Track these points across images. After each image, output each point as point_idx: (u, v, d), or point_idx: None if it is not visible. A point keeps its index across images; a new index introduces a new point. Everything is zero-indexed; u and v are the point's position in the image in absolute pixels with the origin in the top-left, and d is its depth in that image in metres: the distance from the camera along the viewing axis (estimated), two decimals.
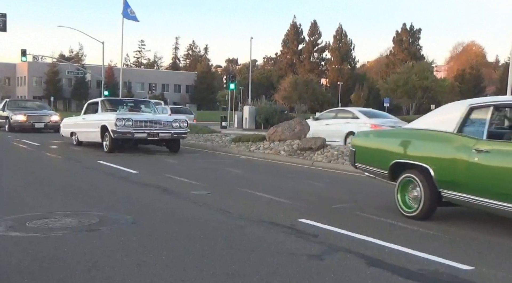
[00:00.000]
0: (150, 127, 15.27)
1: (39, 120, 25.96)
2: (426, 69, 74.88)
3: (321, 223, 6.25)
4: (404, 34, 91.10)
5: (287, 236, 5.65)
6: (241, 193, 8.66)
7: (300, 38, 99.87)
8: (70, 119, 19.52)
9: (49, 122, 25.90)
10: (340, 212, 7.13)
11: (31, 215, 6.39)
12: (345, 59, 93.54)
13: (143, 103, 18.55)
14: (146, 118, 15.56)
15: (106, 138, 15.43)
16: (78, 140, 17.82)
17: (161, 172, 11.13)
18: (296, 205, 7.61)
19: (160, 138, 15.42)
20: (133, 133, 15.01)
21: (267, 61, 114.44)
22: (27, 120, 25.52)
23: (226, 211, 6.97)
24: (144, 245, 5.13)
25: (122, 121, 14.88)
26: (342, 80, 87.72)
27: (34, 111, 26.94)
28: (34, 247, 4.99)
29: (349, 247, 5.20)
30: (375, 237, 5.59)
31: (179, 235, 5.57)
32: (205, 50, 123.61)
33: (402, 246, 5.22)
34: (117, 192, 8.54)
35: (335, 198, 8.41)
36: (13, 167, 11.87)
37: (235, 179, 10.62)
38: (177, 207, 7.31)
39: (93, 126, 16.08)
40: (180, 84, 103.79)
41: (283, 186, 9.59)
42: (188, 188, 9.03)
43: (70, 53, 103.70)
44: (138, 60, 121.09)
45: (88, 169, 11.77)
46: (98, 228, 5.80)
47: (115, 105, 17.32)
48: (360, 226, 6.18)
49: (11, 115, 25.77)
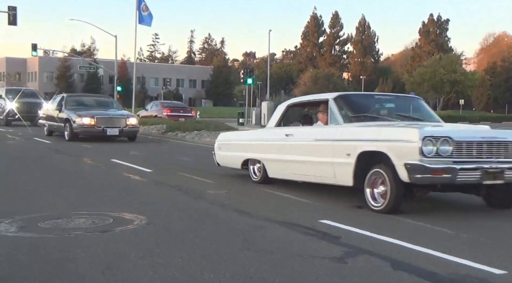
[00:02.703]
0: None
1: (112, 124, 19.13)
2: (455, 62, 74.07)
3: (343, 224, 6.22)
4: (431, 25, 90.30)
5: (308, 237, 5.64)
6: (259, 193, 8.67)
7: (321, 30, 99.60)
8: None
9: (126, 127, 19.24)
10: (363, 213, 7.09)
11: (43, 215, 6.46)
12: (368, 52, 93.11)
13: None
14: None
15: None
16: None
17: (176, 171, 11.19)
18: (317, 205, 7.60)
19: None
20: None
21: (286, 55, 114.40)
22: (96, 124, 18.79)
23: (244, 211, 6.98)
24: (159, 246, 5.16)
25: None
26: (365, 74, 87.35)
27: (104, 112, 19.90)
28: (46, 248, 5.05)
29: (373, 249, 5.17)
30: (401, 239, 5.54)
31: (195, 236, 5.59)
32: (221, 44, 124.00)
33: (430, 249, 5.17)
34: (131, 192, 8.60)
35: (358, 197, 8.36)
36: (24, 165, 12.02)
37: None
38: (193, 207, 7.34)
39: None
40: (196, 79, 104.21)
41: (304, 185, 9.57)
42: (204, 187, 9.05)
43: (82, 48, 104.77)
44: (152, 54, 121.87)
45: (101, 168, 11.87)
46: (112, 229, 5.85)
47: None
48: (384, 227, 6.14)
49: (73, 117, 18.94)
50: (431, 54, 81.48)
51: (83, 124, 18.68)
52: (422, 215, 6.89)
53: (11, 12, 33.90)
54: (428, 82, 72.24)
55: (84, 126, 18.70)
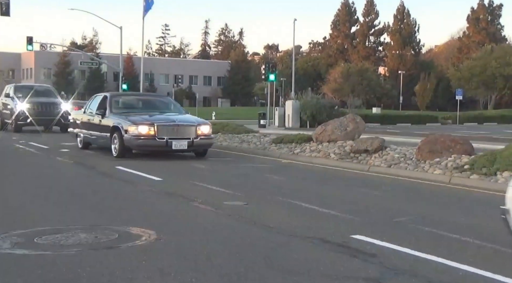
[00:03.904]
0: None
1: (180, 134, 15.29)
2: (509, 53, 73.11)
3: (379, 239, 6.21)
4: (481, 11, 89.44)
5: (339, 255, 5.63)
6: (283, 204, 8.68)
7: (353, 19, 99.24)
8: None
9: (196, 138, 15.30)
10: (403, 227, 7.06)
11: (41, 230, 6.54)
12: (407, 43, 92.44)
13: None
14: None
15: None
16: None
17: (189, 179, 11.26)
18: (349, 218, 7.58)
19: None
20: None
21: (314, 47, 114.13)
22: (157, 135, 15.00)
23: (265, 225, 7.00)
24: (170, 265, 5.20)
25: None
26: (404, 68, 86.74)
27: (166, 117, 16.28)
28: (43, 267, 5.11)
29: (414, 269, 5.15)
30: (445, 257, 5.52)
31: (210, 253, 5.62)
32: (239, 35, 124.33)
33: (479, 269, 5.14)
34: (138, 203, 8.68)
35: (396, 210, 8.33)
36: (21, 175, 12.19)
37: (277, 187, 10.65)
38: (208, 220, 7.38)
39: None
40: (211, 76, 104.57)
41: (333, 196, 9.56)
42: (220, 198, 9.10)
43: (83, 41, 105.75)
44: (161, 48, 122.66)
45: (104, 176, 12.00)
46: (117, 245, 5.91)
47: None
48: (427, 243, 6.11)
49: (124, 125, 15.23)
50: (481, 44, 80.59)
51: (139, 135, 14.92)
52: (471, 230, 6.83)
53: (3, 1, 34.33)
54: (478, 77, 71.44)
55: (141, 137, 14.93)
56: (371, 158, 14.14)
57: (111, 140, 15.64)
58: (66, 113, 25.98)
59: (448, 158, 12.65)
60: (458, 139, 13.84)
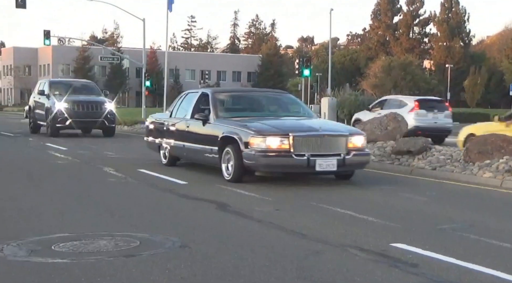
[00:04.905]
0: None
1: (323, 148, 11.37)
2: None
3: (422, 248, 6.18)
4: None
5: (377, 265, 5.63)
6: (316, 209, 8.69)
7: (396, 8, 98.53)
8: None
9: (348, 155, 11.36)
10: (448, 235, 7.02)
11: (58, 237, 6.66)
12: (456, 34, 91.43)
13: None
14: None
15: None
16: None
17: (215, 183, 11.30)
18: (388, 225, 7.56)
19: None
20: None
21: (352, 39, 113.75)
22: (292, 149, 11.09)
23: (298, 233, 7.02)
24: (195, 274, 5.25)
25: None
26: (452, 61, 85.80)
27: (302, 124, 12.29)
28: (61, 276, 5.21)
29: (460, 280, 5.12)
30: (495, 268, 5.48)
31: (238, 262, 5.66)
32: (271, 27, 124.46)
33: None
34: (162, 209, 8.76)
35: (441, 216, 8.27)
36: (36, 178, 12.38)
37: (309, 191, 10.64)
38: (236, 227, 7.43)
39: None
40: (241, 71, 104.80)
41: (371, 201, 9.52)
42: (250, 203, 9.15)
43: (104, 34, 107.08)
44: (187, 41, 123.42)
45: (126, 180, 12.11)
46: (139, 253, 5.98)
47: None
48: (475, 253, 6.07)
49: (243, 136, 11.35)
50: None
51: (268, 150, 11.14)
52: None
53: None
54: None
55: (270, 153, 11.16)
56: (414, 160, 14.04)
57: (221, 157, 11.90)
58: (111, 114, 24.95)
59: (500, 159, 12.49)
60: (511, 138, 13.65)
